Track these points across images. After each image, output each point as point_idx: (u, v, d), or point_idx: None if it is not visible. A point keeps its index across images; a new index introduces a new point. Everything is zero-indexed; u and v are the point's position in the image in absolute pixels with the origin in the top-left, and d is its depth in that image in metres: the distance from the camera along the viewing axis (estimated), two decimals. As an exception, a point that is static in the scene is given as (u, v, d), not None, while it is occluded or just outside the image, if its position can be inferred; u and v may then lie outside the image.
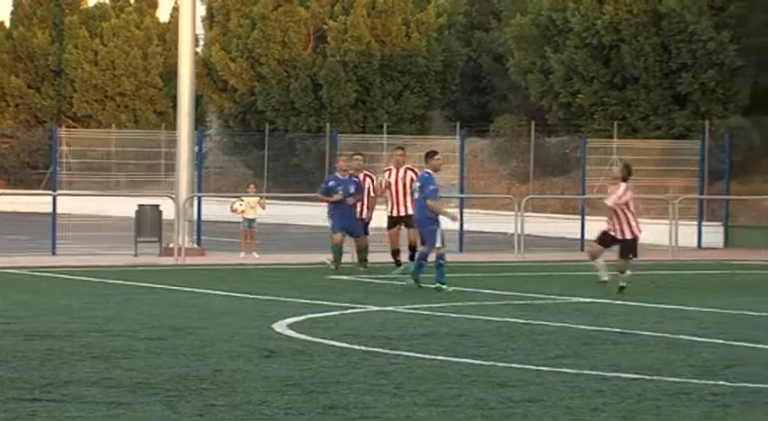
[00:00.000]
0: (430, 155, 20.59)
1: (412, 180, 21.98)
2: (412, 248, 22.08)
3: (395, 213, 23.24)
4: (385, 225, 23.63)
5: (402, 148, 24.45)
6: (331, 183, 23.55)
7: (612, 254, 20.64)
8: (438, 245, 19.76)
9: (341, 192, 23.10)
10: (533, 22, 41.65)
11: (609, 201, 20.12)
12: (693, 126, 37.84)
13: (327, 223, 23.83)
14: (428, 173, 20.17)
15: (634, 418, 9.41)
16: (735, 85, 38.79)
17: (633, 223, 20.08)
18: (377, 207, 24.14)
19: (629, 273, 20.04)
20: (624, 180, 20.17)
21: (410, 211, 21.97)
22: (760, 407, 9.93)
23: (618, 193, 20.00)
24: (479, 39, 50.27)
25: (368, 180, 23.59)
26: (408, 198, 22.13)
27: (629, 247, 20.10)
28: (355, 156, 24.35)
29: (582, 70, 40.27)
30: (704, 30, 38.30)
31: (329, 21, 46.96)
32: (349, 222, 23.18)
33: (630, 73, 39.69)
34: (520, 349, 13.22)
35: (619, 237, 20.07)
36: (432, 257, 19.84)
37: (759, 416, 9.55)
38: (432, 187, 19.91)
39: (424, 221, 19.96)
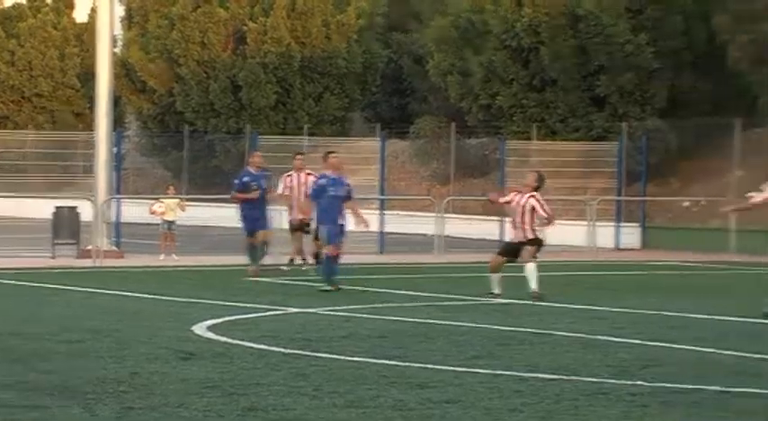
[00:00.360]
0: (326, 155, 20.69)
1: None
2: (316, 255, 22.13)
3: (297, 217, 23.28)
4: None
5: (302, 153, 24.53)
6: (246, 179, 23.09)
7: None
8: (331, 244, 19.82)
9: (255, 189, 22.77)
10: (453, 24, 41.77)
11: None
12: (611, 128, 38.14)
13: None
14: (324, 174, 20.23)
15: (552, 418, 9.47)
16: (652, 87, 39.14)
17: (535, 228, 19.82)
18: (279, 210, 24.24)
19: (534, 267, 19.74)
20: (536, 189, 19.90)
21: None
22: (678, 407, 10.03)
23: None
24: (399, 40, 50.34)
25: (310, 179, 23.08)
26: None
27: (538, 242, 19.91)
28: (297, 156, 24.15)
29: (501, 72, 40.45)
30: (621, 32, 38.61)
31: (249, 22, 46.78)
32: (257, 220, 22.85)
33: (549, 75, 39.92)
34: (438, 350, 13.26)
35: (523, 240, 19.77)
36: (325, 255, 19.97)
37: (677, 416, 9.64)
38: (314, 187, 20.30)
39: (321, 220, 20.03)
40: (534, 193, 19.51)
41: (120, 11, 50.07)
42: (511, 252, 19.67)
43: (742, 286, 23.02)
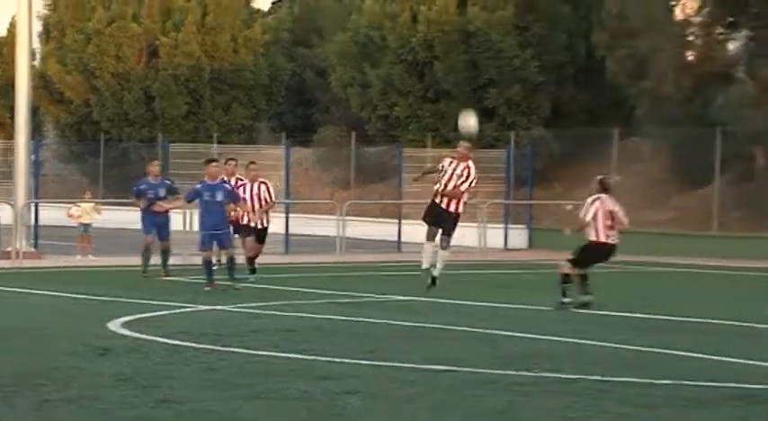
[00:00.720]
0: (206, 162, 20.56)
1: (267, 190, 21.90)
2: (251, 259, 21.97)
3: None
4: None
5: (234, 159, 24.20)
6: (142, 187, 22.66)
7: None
8: (205, 249, 19.77)
9: (149, 198, 22.34)
10: (353, 40, 41.80)
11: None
12: (500, 137, 38.39)
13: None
14: (203, 181, 20.13)
15: (445, 407, 9.50)
16: (537, 99, 39.46)
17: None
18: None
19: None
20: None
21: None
22: (559, 396, 10.10)
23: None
24: (303, 55, 50.30)
25: (262, 187, 22.65)
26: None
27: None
28: (229, 161, 23.66)
29: (398, 84, 40.56)
30: (509, 48, 38.89)
31: (161, 37, 46.47)
32: (158, 225, 22.51)
33: (443, 87, 40.10)
34: (341, 344, 13.25)
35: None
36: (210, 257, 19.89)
37: (556, 404, 9.71)
38: (189, 192, 20.25)
39: (218, 225, 19.87)
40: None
41: (38, 26, 49.61)
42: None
43: (619, 283, 23.26)
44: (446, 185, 19.55)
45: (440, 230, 19.70)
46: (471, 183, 19.70)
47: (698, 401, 9.79)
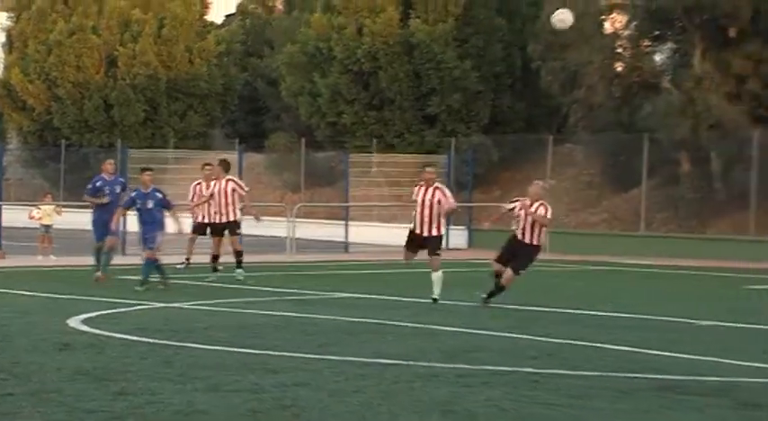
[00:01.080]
0: (142, 171, 20.39)
1: (234, 190, 21.74)
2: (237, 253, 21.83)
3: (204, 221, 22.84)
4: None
5: (210, 164, 24.03)
6: (98, 184, 21.81)
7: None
8: (154, 247, 19.61)
9: (107, 195, 21.79)
10: (302, 51, 41.70)
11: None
12: (442, 143, 38.43)
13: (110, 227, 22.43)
14: (137, 189, 20.03)
15: (391, 398, 9.45)
16: (476, 107, 39.53)
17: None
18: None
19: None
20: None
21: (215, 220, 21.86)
22: (496, 387, 10.09)
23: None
24: (255, 65, 50.16)
25: (230, 184, 22.00)
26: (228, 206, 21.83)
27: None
28: (206, 166, 23.41)
29: (345, 93, 40.51)
30: (450, 59, 38.95)
31: (119, 47, 46.22)
32: (106, 228, 21.55)
33: (387, 96, 40.09)
34: (292, 339, 13.17)
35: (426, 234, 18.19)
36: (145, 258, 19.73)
37: (494, 395, 9.69)
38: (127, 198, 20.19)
39: (148, 229, 19.69)
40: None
41: (1, 36, 49.22)
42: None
43: (553, 281, 23.32)
44: (426, 215, 18.09)
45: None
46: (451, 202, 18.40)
47: (624, 391, 9.82)
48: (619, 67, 36.36)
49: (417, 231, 18.13)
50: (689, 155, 34.15)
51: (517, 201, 17.77)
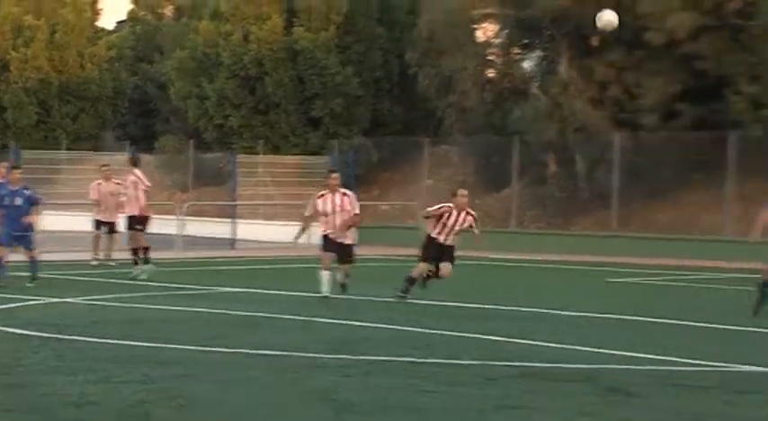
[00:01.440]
0: (11, 169, 20.05)
1: (135, 183, 21.43)
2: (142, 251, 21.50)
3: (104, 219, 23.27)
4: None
5: (107, 165, 23.81)
6: (2, 193, 21.69)
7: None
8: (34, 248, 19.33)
9: (5, 204, 21.16)
10: (190, 56, 41.40)
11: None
12: (325, 144, 38.43)
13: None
14: (2, 184, 19.68)
15: (277, 388, 9.42)
16: (357, 110, 39.61)
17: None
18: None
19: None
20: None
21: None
22: (376, 376, 10.12)
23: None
24: (145, 70, 49.64)
25: (131, 177, 21.69)
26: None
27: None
28: (102, 167, 23.04)
29: (232, 97, 40.30)
30: (332, 65, 38.97)
31: (12, 52, 45.43)
32: (12, 235, 21.04)
33: (273, 100, 39.98)
34: (181, 333, 13.03)
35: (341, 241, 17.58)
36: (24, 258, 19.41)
37: (375, 383, 9.72)
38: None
39: (19, 228, 19.32)
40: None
41: None
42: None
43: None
44: (335, 222, 17.50)
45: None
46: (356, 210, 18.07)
47: (492, 379, 9.90)
48: (490, 73, 36.73)
49: (332, 236, 17.64)
50: (556, 156, 34.63)
51: (446, 207, 17.64)
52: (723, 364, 10.93)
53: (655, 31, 31.71)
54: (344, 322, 14.28)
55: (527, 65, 37.22)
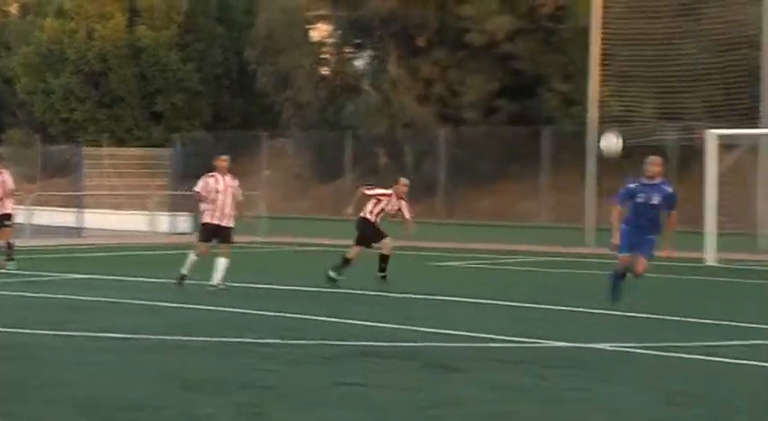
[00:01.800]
0: None
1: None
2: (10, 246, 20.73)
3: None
4: None
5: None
6: None
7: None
8: None
9: None
10: (36, 52, 40.47)
11: None
12: (167, 138, 38.03)
13: None
14: None
15: (120, 368, 9.36)
16: (198, 105, 39.31)
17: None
18: None
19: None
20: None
21: None
22: (219, 356, 10.15)
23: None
24: (-9, 65, 48.25)
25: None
26: None
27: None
28: None
29: (77, 92, 39.57)
30: (173, 62, 38.59)
31: None
32: None
33: (117, 94, 39.38)
34: (28, 317, 12.81)
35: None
36: None
37: (218, 362, 9.76)
38: None
39: None
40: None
41: None
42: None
43: (269, 259, 23.45)
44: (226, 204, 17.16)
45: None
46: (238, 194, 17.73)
47: (328, 358, 10.00)
48: (325, 70, 36.90)
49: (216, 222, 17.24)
50: (386, 149, 34.99)
51: (383, 193, 17.75)
52: (536, 341, 11.28)
53: (476, 32, 32.32)
54: (185, 305, 14.22)
55: (359, 63, 37.51)
